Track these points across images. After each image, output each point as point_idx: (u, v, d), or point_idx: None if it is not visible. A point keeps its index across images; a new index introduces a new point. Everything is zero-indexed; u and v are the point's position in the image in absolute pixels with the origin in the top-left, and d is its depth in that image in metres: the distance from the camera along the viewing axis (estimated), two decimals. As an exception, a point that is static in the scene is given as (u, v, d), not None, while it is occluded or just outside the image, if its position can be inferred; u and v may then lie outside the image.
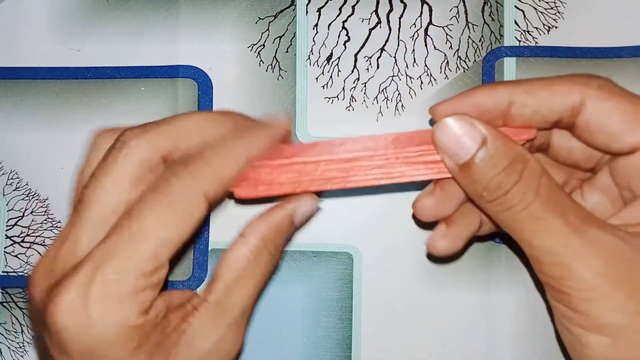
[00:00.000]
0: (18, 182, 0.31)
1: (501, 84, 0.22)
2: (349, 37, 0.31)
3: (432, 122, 0.23)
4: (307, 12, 0.31)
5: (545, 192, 0.20)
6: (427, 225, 0.28)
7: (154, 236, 0.20)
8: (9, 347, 0.31)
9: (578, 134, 0.22)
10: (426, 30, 0.30)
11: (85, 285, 0.20)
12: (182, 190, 0.21)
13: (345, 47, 0.31)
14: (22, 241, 0.31)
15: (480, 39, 0.30)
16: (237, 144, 0.23)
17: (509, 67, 0.30)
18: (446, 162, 0.22)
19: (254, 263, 0.23)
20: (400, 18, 0.31)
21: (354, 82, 0.30)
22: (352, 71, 0.31)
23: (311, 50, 0.31)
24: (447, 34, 0.30)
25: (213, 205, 0.22)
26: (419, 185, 0.25)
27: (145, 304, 0.21)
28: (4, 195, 0.31)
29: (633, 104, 0.21)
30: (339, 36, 0.31)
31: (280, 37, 0.31)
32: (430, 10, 0.30)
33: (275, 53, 0.31)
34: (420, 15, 0.31)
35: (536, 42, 0.30)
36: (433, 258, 0.29)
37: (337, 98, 0.30)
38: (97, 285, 0.20)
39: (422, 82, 0.30)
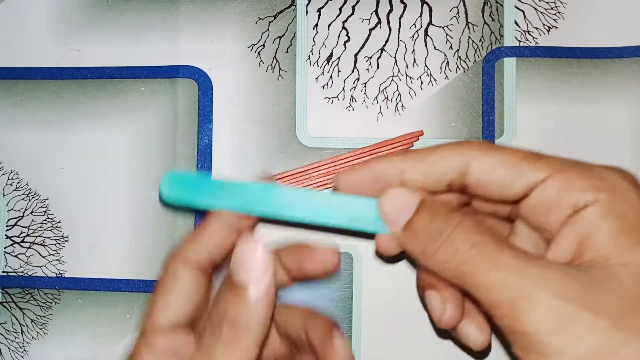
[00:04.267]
0: (18, 182, 0.31)
1: (395, 155, 0.24)
2: (349, 37, 0.31)
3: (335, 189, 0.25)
4: (307, 12, 0.31)
5: (488, 230, 0.21)
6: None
7: None
8: (8, 347, 0.31)
9: (473, 192, 0.23)
10: (426, 30, 0.30)
11: None
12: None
13: (345, 47, 0.31)
14: (22, 241, 0.31)
15: (480, 39, 0.30)
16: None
17: (509, 67, 0.30)
18: (391, 229, 0.23)
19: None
20: (400, 18, 0.31)
21: (354, 82, 0.30)
22: (352, 71, 0.31)
23: (311, 51, 0.31)
24: (447, 34, 0.30)
25: None
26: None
27: None
28: (4, 195, 0.31)
29: (509, 155, 0.22)
30: (339, 36, 0.31)
31: (280, 37, 0.31)
32: (430, 11, 0.30)
33: (275, 53, 0.31)
34: (420, 16, 0.31)
35: (536, 42, 0.30)
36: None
37: (337, 98, 0.30)
38: None
39: (422, 82, 0.30)
